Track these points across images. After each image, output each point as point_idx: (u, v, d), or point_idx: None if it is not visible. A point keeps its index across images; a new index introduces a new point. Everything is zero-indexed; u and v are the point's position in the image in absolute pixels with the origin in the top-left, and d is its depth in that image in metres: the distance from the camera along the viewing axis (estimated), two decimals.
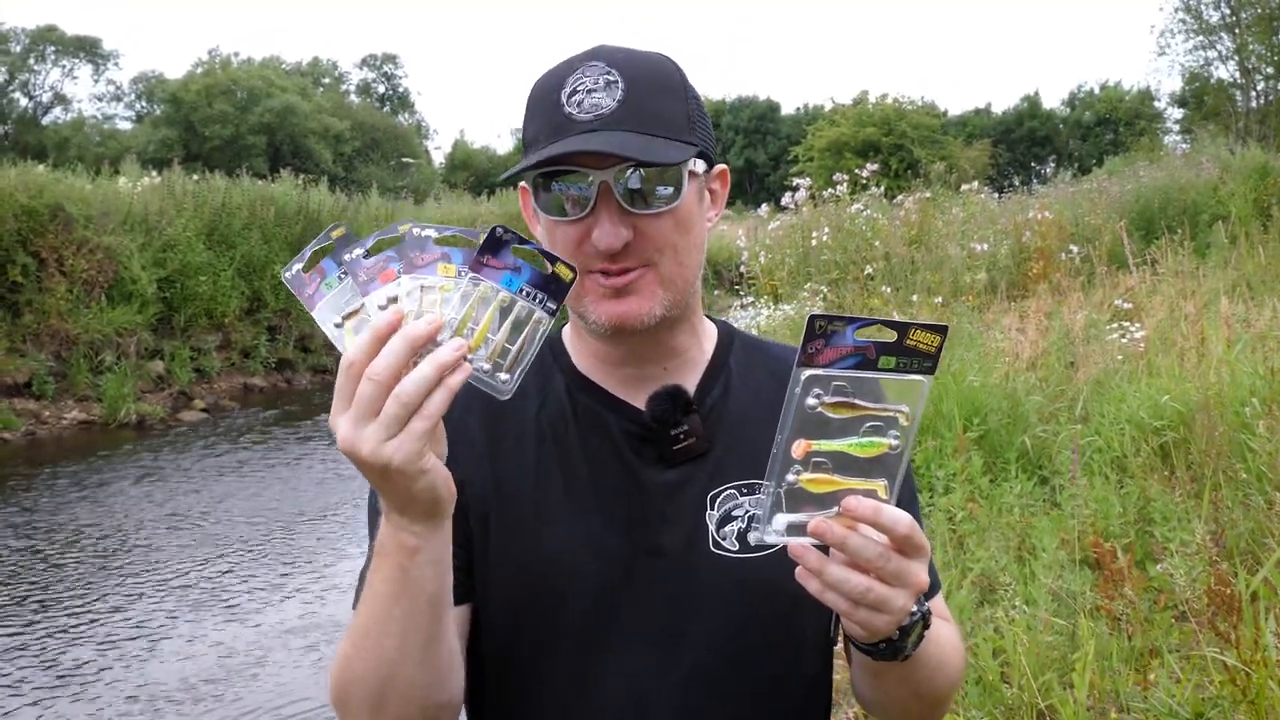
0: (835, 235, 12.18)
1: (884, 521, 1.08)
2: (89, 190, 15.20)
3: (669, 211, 1.32)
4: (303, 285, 1.15)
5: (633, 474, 1.39)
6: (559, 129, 1.30)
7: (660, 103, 1.33)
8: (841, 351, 1.07)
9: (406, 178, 51.55)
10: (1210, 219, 13.36)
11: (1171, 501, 4.58)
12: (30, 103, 58.24)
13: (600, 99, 1.29)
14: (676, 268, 1.35)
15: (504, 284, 1.12)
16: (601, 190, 1.28)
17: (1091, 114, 68.88)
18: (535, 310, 1.13)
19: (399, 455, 1.06)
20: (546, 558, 1.36)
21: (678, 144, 1.31)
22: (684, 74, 1.39)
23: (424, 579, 1.17)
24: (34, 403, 12.93)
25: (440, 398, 1.06)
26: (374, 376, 1.05)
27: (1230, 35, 32.70)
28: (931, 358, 1.09)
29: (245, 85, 55.27)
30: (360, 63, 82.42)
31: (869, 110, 47.05)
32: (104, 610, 6.93)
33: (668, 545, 1.37)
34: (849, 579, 1.08)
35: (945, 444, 5.76)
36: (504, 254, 1.12)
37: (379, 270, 1.13)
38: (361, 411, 1.06)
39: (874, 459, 1.10)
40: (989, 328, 8.53)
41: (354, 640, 1.23)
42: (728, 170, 1.48)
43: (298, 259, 1.16)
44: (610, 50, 1.35)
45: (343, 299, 1.14)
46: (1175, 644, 3.65)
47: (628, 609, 1.36)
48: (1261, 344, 6.19)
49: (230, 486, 10.26)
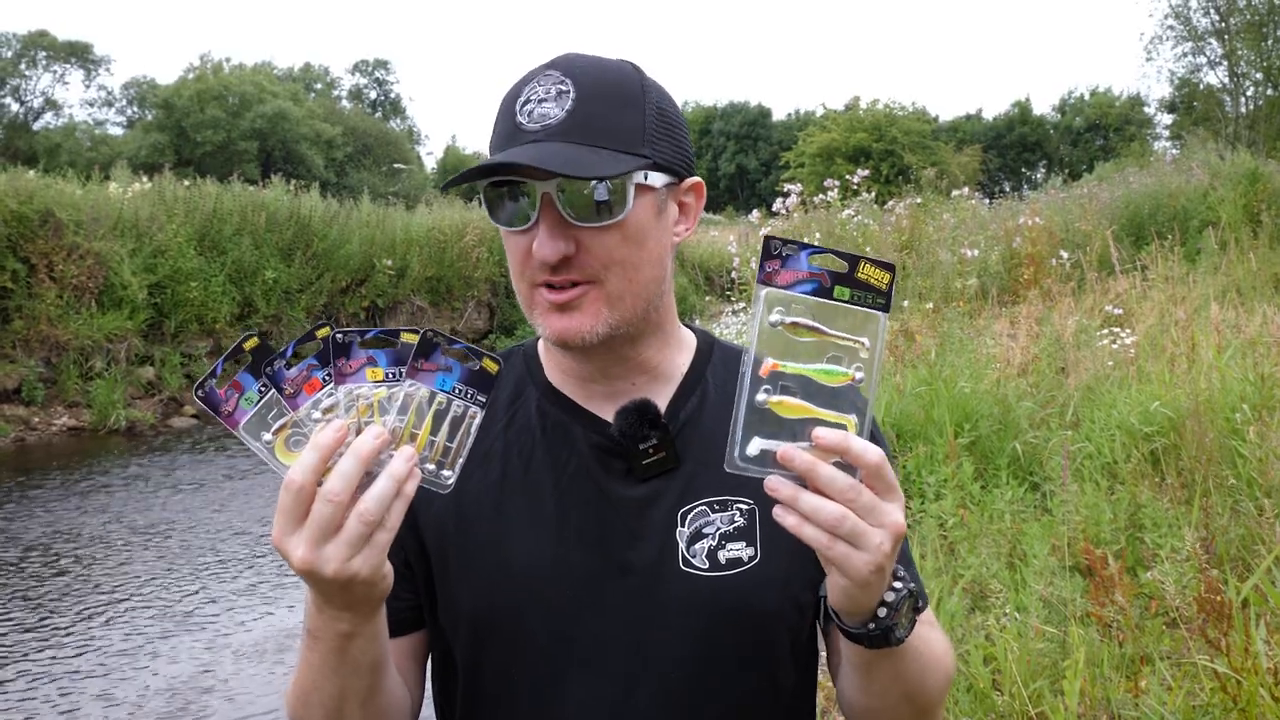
0: (826, 241, 12.20)
1: (854, 450, 1.07)
2: (79, 196, 15.12)
3: (614, 225, 1.28)
4: (219, 402, 1.13)
5: (601, 488, 1.37)
6: (509, 138, 1.30)
7: (612, 114, 1.29)
8: (798, 275, 1.09)
9: (398, 183, 51.52)
10: (1200, 225, 13.39)
11: (1162, 508, 4.58)
12: (21, 108, 58.12)
13: (549, 109, 1.28)
14: (624, 284, 1.31)
15: (438, 385, 1.15)
16: (544, 202, 1.27)
17: (1082, 120, 69.17)
18: (469, 406, 1.16)
19: (365, 569, 1.07)
20: (509, 575, 1.35)
21: (624, 156, 1.27)
22: (649, 85, 1.35)
23: (361, 655, 1.20)
24: (24, 409, 12.87)
25: (399, 508, 1.08)
26: (331, 498, 1.05)
27: (1219, 41, 32.82)
28: (884, 295, 1.10)
29: (237, 90, 55.20)
30: (352, 68, 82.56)
31: (860, 116, 47.18)
32: (91, 617, 6.89)
33: (636, 562, 1.35)
34: (823, 506, 1.06)
35: (936, 450, 5.76)
36: (435, 355, 1.15)
37: (304, 380, 1.13)
38: (321, 532, 1.06)
39: (838, 390, 1.10)
40: (980, 333, 8.54)
41: (296, 693, 1.28)
42: (702, 183, 1.44)
43: (209, 374, 1.15)
44: (571, 59, 1.33)
45: (268, 413, 1.13)
46: (1166, 651, 3.65)
47: (595, 627, 1.34)
48: (1251, 350, 6.21)
49: (220, 493, 10.22)
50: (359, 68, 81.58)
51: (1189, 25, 32.93)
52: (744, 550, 1.36)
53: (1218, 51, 33.05)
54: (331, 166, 55.59)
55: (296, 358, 1.14)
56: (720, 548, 1.35)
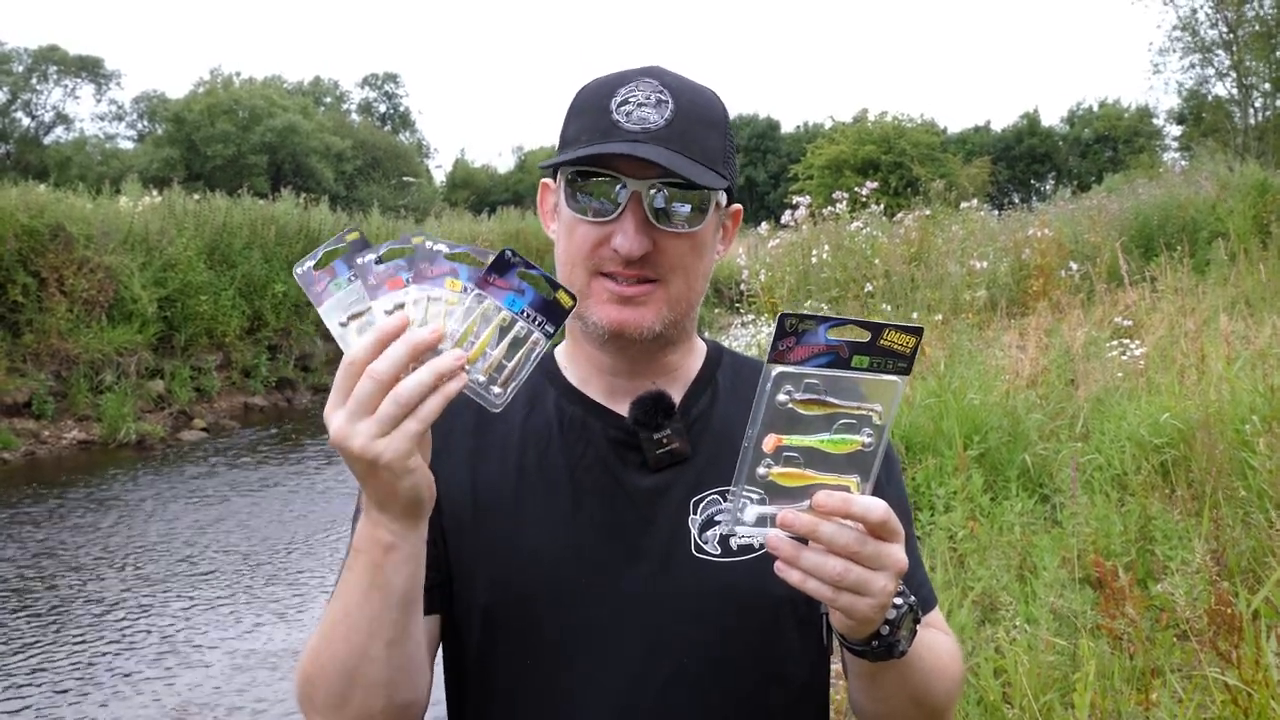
0: (835, 253, 12.21)
1: (855, 512, 1.08)
2: (90, 210, 15.22)
3: (689, 234, 1.37)
4: (312, 282, 1.18)
5: (616, 478, 1.41)
6: (605, 133, 1.34)
7: (704, 131, 1.37)
8: (813, 350, 1.08)
9: (407, 196, 51.66)
10: (1209, 236, 13.35)
11: (1172, 520, 4.56)
12: (32, 122, 58.49)
13: (649, 114, 1.34)
14: (685, 289, 1.40)
15: (507, 304, 1.16)
16: (632, 199, 1.33)
17: (1090, 131, 69.04)
18: (534, 331, 1.17)
19: (389, 452, 1.09)
20: (524, 562, 1.37)
21: (713, 173, 1.35)
22: (727, 114, 1.45)
23: (397, 576, 1.19)
24: (34, 422, 12.91)
25: (435, 402, 1.10)
26: (374, 375, 1.08)
27: (1227, 52, 32.79)
28: (906, 358, 1.10)
29: (247, 104, 55.46)
30: (362, 82, 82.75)
31: (869, 128, 47.13)
32: (100, 629, 6.90)
33: (649, 548, 1.38)
34: (825, 562, 1.09)
35: (946, 462, 5.75)
36: (510, 275, 1.16)
37: (388, 277, 1.17)
38: (358, 407, 1.09)
39: (847, 456, 1.10)
40: (989, 345, 8.53)
41: (323, 632, 1.26)
42: (741, 210, 1.53)
43: (310, 256, 1.20)
44: (664, 71, 1.41)
45: (350, 299, 1.17)
46: (1177, 663, 3.63)
47: (609, 613, 1.37)
48: (1261, 361, 6.18)
49: (230, 506, 10.24)
50: (368, 81, 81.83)
51: (1197, 37, 32.92)
52: None
53: (1225, 63, 33.02)
54: (341, 180, 55.78)
55: (388, 257, 1.18)
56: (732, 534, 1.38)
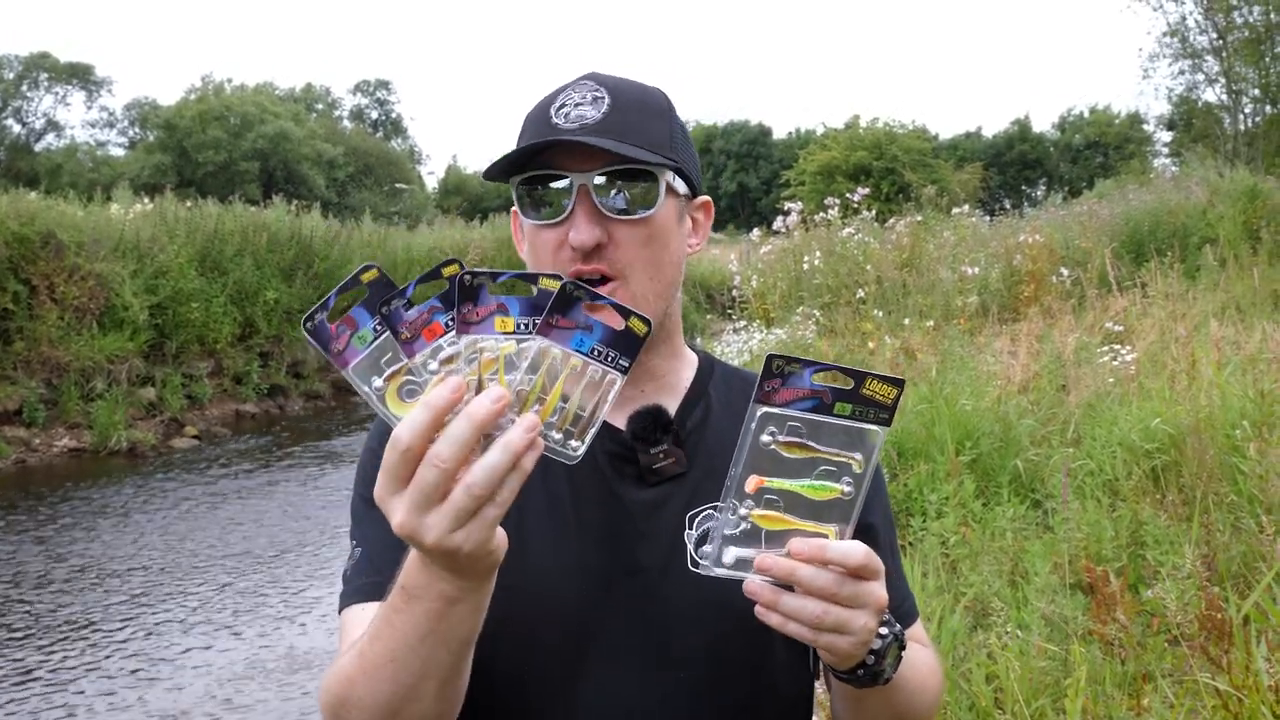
0: (827, 259, 12.24)
1: (832, 559, 1.08)
2: (81, 217, 15.17)
3: (643, 221, 1.36)
4: (329, 339, 1.03)
5: (613, 492, 1.41)
6: (544, 137, 1.35)
7: (644, 120, 1.38)
8: (798, 393, 1.08)
9: (400, 203, 51.65)
10: (1200, 241, 13.40)
11: (1163, 525, 4.58)
12: (23, 129, 58.43)
13: (586, 111, 1.35)
14: (648, 282, 1.38)
15: (574, 345, 1.03)
16: (579, 192, 1.34)
17: (1081, 137, 69.32)
18: (609, 372, 1.04)
19: (470, 544, 1.00)
20: (526, 575, 1.36)
21: (656, 156, 1.36)
22: (671, 104, 1.45)
23: (460, 624, 1.11)
24: (24, 430, 12.86)
25: (514, 484, 0.99)
26: (439, 464, 0.96)
27: (1217, 58, 32.90)
28: (887, 409, 1.09)
29: (239, 111, 55.44)
30: (354, 88, 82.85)
31: (860, 134, 47.15)
32: (90, 638, 6.88)
33: (646, 562, 1.38)
34: (804, 606, 1.08)
35: (938, 468, 5.76)
36: (574, 312, 1.03)
37: (423, 325, 1.02)
38: (424, 498, 0.98)
39: (826, 503, 1.10)
40: (981, 351, 8.54)
41: (364, 666, 1.16)
42: (711, 202, 1.54)
43: (320, 307, 1.04)
44: (601, 74, 1.42)
45: (382, 356, 1.03)
46: (1168, 669, 3.64)
47: (607, 626, 1.37)
48: (1251, 367, 6.21)
49: (222, 514, 10.21)
50: (360, 88, 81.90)
51: (1186, 43, 33.03)
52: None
53: (1215, 69, 33.14)
54: (333, 186, 55.73)
55: (420, 298, 1.02)
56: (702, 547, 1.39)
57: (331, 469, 12.15)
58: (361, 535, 1.41)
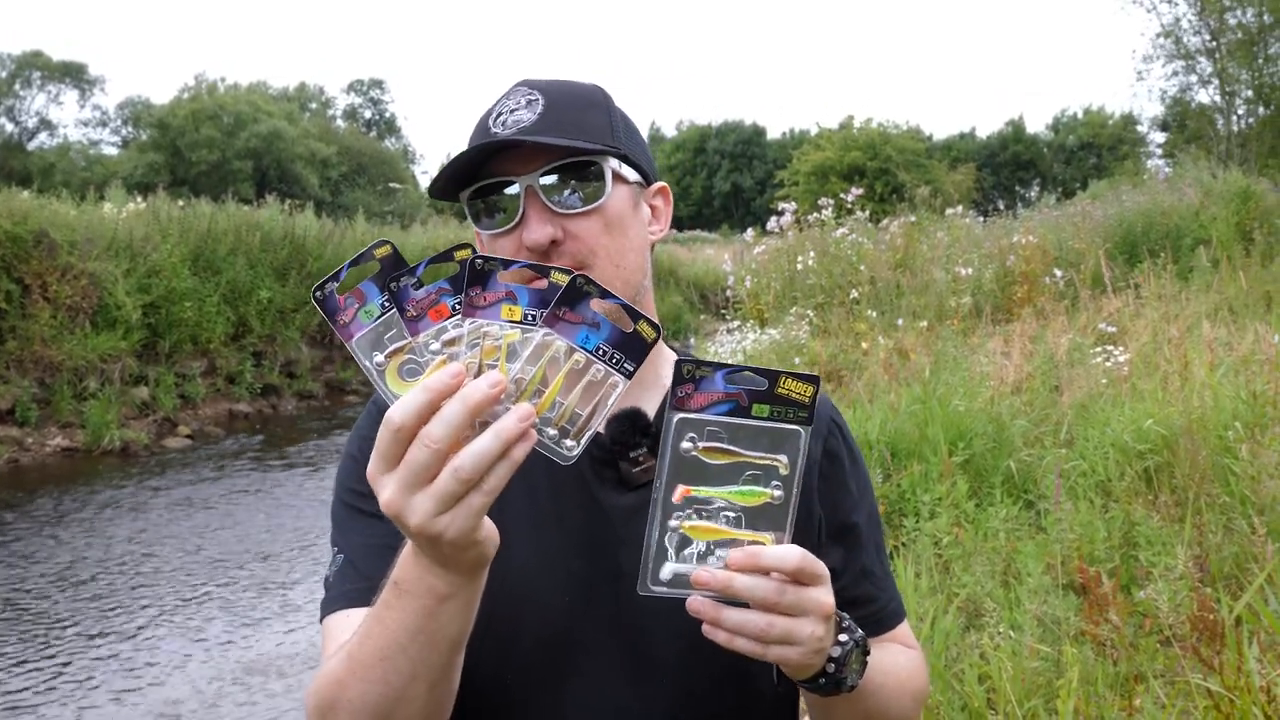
0: (821, 259, 12.25)
1: (767, 564, 1.07)
2: (74, 216, 15.14)
3: (595, 210, 1.36)
4: (337, 309, 1.03)
5: (592, 497, 1.40)
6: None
7: (580, 114, 1.39)
8: (713, 397, 1.06)
9: (393, 202, 51.55)
10: (1193, 243, 13.42)
11: (1155, 526, 4.58)
12: (15, 128, 58.25)
13: (522, 115, 1.36)
14: (613, 270, 1.38)
15: (579, 341, 1.02)
16: (527, 194, 1.34)
17: (1075, 138, 69.46)
18: (612, 374, 1.03)
19: (452, 530, 0.99)
20: (508, 582, 1.35)
21: (595, 144, 1.37)
22: (609, 96, 1.46)
23: (452, 625, 1.11)
24: (17, 429, 12.83)
25: (503, 472, 0.98)
26: (429, 444, 0.96)
27: (1210, 60, 32.95)
28: (806, 407, 1.07)
29: (232, 110, 55.33)
30: (347, 88, 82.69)
31: (854, 134, 47.28)
32: (83, 638, 6.87)
33: (626, 569, 1.36)
34: (748, 620, 1.07)
35: (931, 468, 5.76)
36: (582, 307, 1.02)
37: (430, 305, 1.01)
38: (412, 479, 0.97)
39: (756, 509, 1.08)
40: (974, 352, 8.55)
41: (353, 667, 1.15)
42: (668, 187, 1.54)
43: (332, 277, 1.04)
44: (535, 79, 1.43)
45: (386, 332, 1.03)
46: (1160, 669, 3.65)
47: (589, 632, 1.36)
48: (1244, 368, 6.22)
49: (214, 514, 10.19)
50: (354, 87, 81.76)
51: (1180, 44, 33.07)
52: None
53: (1208, 70, 33.18)
54: (326, 186, 55.65)
55: (430, 277, 1.02)
56: (709, 553, 1.37)
57: (324, 468, 12.13)
58: (344, 541, 1.41)
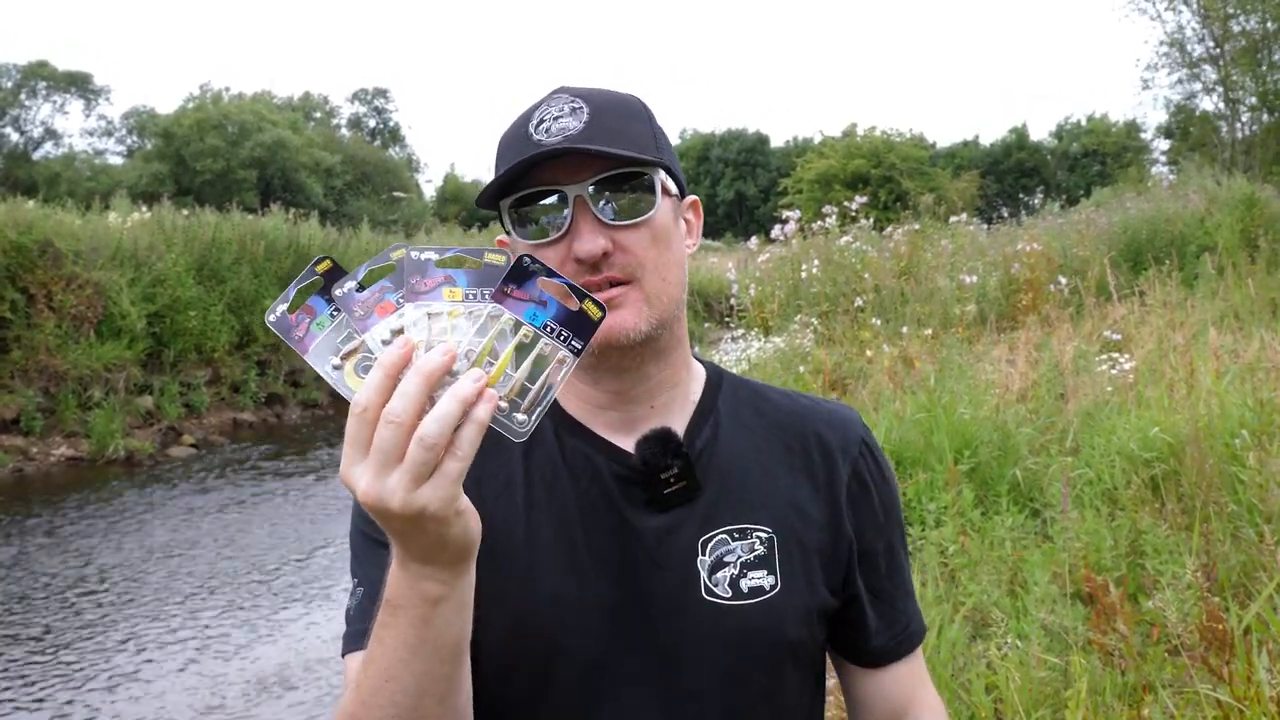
0: (825, 267, 12.24)
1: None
2: (79, 225, 15.17)
3: (644, 223, 1.33)
4: (289, 328, 1.05)
5: (623, 519, 1.37)
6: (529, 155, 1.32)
7: (625, 123, 1.35)
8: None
9: (397, 211, 51.69)
10: (1197, 250, 13.39)
11: (1162, 534, 4.56)
12: (21, 138, 58.42)
13: (567, 123, 1.32)
14: (660, 283, 1.35)
15: (527, 318, 1.03)
16: (577, 203, 1.30)
17: (1079, 146, 69.50)
18: (560, 349, 1.04)
19: (434, 502, 0.98)
20: (539, 605, 1.33)
21: (647, 156, 1.34)
22: (649, 110, 1.42)
23: (448, 630, 1.10)
24: (22, 439, 12.84)
25: (470, 433, 0.98)
26: (392, 419, 0.96)
27: (1214, 67, 32.93)
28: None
29: (236, 119, 55.49)
30: (351, 97, 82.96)
31: (858, 142, 47.39)
32: (89, 648, 6.86)
33: (659, 592, 1.35)
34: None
35: (936, 477, 5.74)
36: (530, 285, 1.04)
37: (375, 303, 1.04)
38: (384, 459, 0.97)
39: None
40: (979, 360, 8.53)
41: (361, 697, 1.14)
42: (699, 201, 1.51)
43: (281, 299, 1.06)
44: (573, 86, 1.39)
45: (338, 338, 1.04)
46: (1169, 679, 3.63)
47: (621, 657, 1.34)
48: (1250, 375, 6.20)
49: (219, 523, 10.19)
50: (358, 96, 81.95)
51: (1184, 52, 33.06)
52: (765, 579, 1.36)
53: (1212, 77, 33.16)
54: (330, 195, 55.78)
55: (370, 280, 1.05)
56: (742, 576, 1.36)
57: (329, 478, 12.12)
58: (362, 573, 1.38)
